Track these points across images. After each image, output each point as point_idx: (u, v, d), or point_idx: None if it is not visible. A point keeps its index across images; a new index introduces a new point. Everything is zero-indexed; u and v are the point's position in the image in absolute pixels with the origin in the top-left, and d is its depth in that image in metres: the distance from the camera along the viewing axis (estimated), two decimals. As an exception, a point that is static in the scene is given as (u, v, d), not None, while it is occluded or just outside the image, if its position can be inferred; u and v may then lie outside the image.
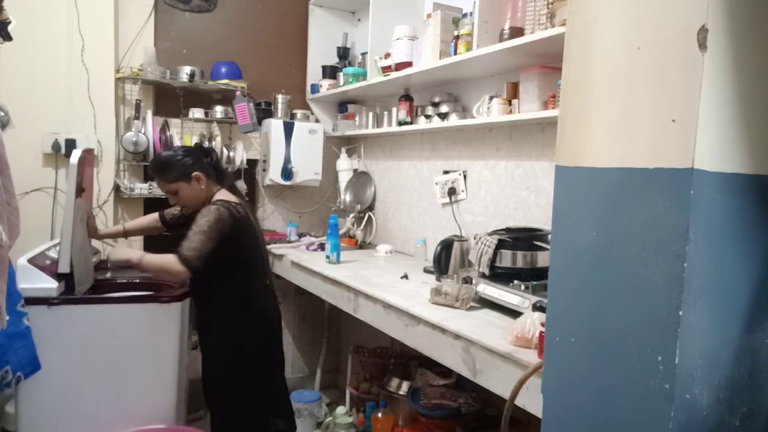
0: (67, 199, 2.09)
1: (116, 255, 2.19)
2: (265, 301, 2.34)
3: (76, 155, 2.07)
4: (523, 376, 1.30)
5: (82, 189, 2.22)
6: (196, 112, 3.17)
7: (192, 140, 3.12)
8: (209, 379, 2.28)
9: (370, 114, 3.23)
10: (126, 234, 2.55)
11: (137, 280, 2.55)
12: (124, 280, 2.55)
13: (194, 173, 2.18)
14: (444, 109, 2.61)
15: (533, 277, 1.79)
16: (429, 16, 2.50)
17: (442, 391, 2.39)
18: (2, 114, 2.63)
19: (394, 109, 2.98)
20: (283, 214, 3.56)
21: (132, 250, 2.24)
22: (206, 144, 3.11)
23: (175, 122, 3.15)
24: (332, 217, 2.80)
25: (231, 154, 3.20)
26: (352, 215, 3.33)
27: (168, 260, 2.03)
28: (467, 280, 1.99)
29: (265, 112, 3.37)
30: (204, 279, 2.19)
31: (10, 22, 1.49)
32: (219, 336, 2.22)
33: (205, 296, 2.28)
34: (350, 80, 3.16)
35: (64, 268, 2.09)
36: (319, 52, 3.56)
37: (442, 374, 2.43)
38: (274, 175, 3.27)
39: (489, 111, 2.30)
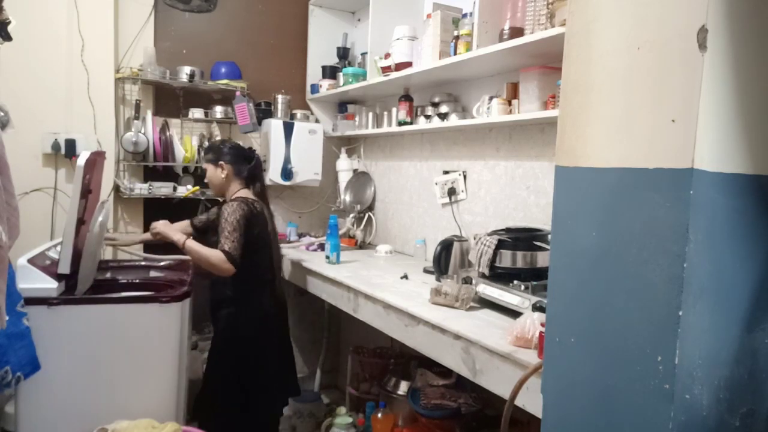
0: (72, 200, 2.09)
1: (163, 230, 2.43)
2: (267, 296, 2.42)
3: (83, 157, 2.06)
4: (523, 377, 1.30)
5: (89, 191, 2.21)
6: (196, 112, 3.17)
7: (192, 140, 3.12)
8: (208, 362, 2.45)
9: (370, 114, 3.23)
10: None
11: (137, 281, 2.55)
12: (124, 280, 2.55)
13: (221, 161, 2.44)
14: (444, 109, 2.61)
15: (533, 277, 1.79)
16: (429, 16, 2.50)
17: (442, 391, 2.38)
18: (2, 114, 2.63)
19: (394, 109, 2.98)
20: (283, 214, 3.56)
21: (178, 233, 2.39)
22: (206, 144, 3.13)
23: (175, 122, 3.15)
24: (332, 217, 2.80)
25: (231, 154, 3.20)
26: (352, 215, 3.33)
27: (217, 256, 2.20)
28: (467, 281, 1.99)
29: (265, 112, 3.37)
30: None
31: (10, 22, 1.48)
32: (223, 324, 2.39)
33: (217, 285, 2.42)
34: (350, 80, 3.16)
35: (64, 268, 2.09)
36: (319, 52, 3.56)
37: (442, 374, 2.43)
38: (274, 175, 3.26)
39: (489, 111, 2.30)
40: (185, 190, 3.04)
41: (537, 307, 1.63)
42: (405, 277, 2.40)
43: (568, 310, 1.06)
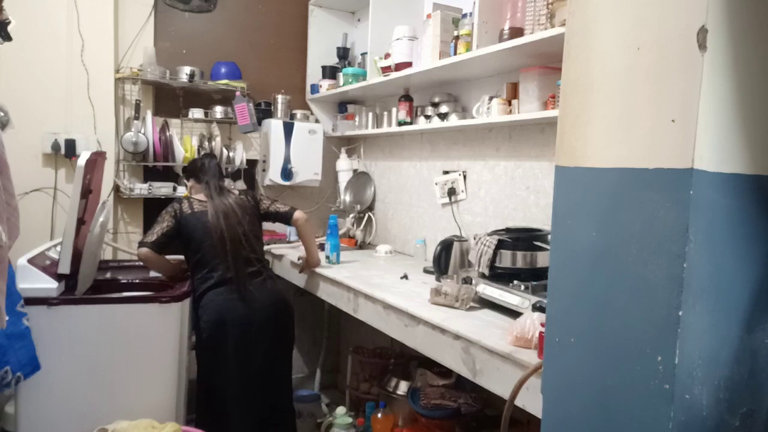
0: (72, 200, 2.10)
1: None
2: (218, 297, 2.34)
3: (84, 157, 2.06)
4: (523, 377, 1.30)
5: (89, 191, 2.22)
6: (196, 113, 3.17)
7: (192, 140, 3.12)
8: None
9: (370, 114, 3.23)
10: None
11: (137, 281, 2.55)
12: (124, 280, 2.55)
13: (186, 180, 2.71)
14: (444, 109, 2.61)
15: (533, 277, 1.79)
16: (429, 16, 2.50)
17: (441, 391, 2.38)
18: (2, 114, 2.63)
19: (394, 110, 2.98)
20: (283, 215, 3.56)
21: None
22: (206, 144, 3.13)
23: (174, 122, 3.15)
24: (332, 218, 2.80)
25: (231, 154, 3.20)
26: (351, 215, 3.33)
27: None
28: (467, 281, 1.99)
29: (264, 112, 3.37)
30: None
31: (10, 22, 1.48)
32: None
33: None
34: (350, 80, 3.16)
35: (64, 268, 2.09)
36: (319, 52, 3.56)
37: (441, 374, 2.43)
38: (273, 175, 3.26)
39: (489, 111, 2.30)
40: (185, 190, 3.04)
41: (537, 307, 1.63)
42: (405, 277, 2.40)
43: (568, 310, 1.06)
